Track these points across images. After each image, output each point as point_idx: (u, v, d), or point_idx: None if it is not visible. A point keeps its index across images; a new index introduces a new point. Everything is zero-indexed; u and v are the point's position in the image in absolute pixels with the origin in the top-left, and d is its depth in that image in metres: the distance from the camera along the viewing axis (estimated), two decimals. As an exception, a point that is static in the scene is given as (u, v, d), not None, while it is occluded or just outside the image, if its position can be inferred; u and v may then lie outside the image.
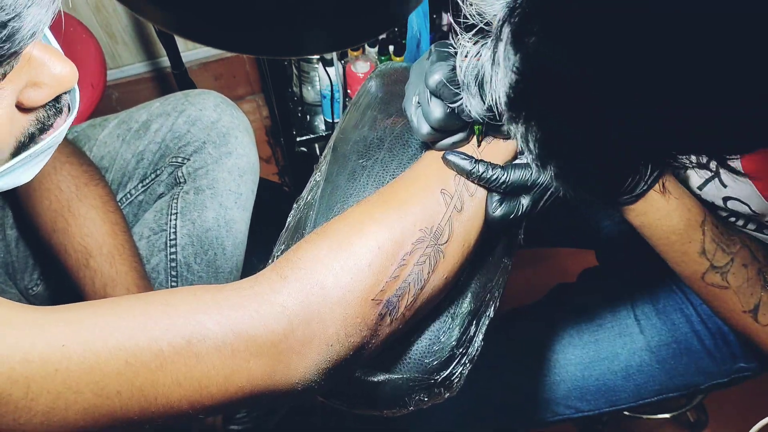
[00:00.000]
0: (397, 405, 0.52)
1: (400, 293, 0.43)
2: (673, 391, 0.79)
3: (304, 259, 0.42)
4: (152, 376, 0.36)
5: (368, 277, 0.42)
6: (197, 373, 0.37)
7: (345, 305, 0.41)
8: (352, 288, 0.41)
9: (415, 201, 0.45)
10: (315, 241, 0.43)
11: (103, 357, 0.35)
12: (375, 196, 0.47)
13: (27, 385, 0.33)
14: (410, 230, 0.43)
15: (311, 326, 0.40)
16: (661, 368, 0.77)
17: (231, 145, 0.84)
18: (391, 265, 0.42)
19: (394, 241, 0.43)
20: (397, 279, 0.42)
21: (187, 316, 0.38)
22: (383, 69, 0.62)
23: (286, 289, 0.41)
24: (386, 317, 0.43)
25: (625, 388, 0.78)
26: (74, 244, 0.71)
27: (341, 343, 0.41)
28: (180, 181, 0.83)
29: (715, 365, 0.77)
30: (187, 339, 0.37)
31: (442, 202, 0.45)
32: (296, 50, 0.85)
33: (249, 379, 0.39)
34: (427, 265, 0.44)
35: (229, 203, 0.82)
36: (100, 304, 0.38)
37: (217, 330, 0.38)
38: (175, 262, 0.79)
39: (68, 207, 0.71)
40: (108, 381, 0.35)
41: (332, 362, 0.41)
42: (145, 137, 0.85)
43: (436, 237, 0.44)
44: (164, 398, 0.37)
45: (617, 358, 0.79)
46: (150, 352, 0.36)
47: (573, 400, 0.80)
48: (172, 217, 0.80)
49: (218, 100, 0.87)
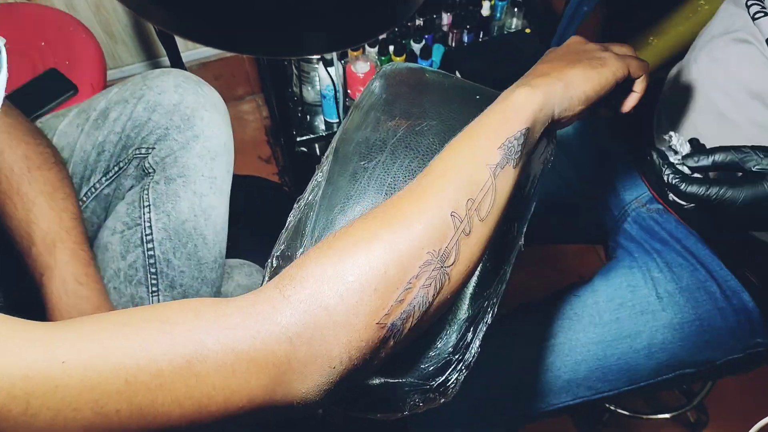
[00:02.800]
0: (392, 409, 0.51)
1: (405, 316, 0.42)
2: (691, 367, 0.78)
3: (308, 278, 0.41)
4: (152, 395, 0.36)
5: (374, 300, 0.41)
6: (197, 393, 0.37)
7: (349, 328, 0.40)
8: (357, 311, 0.40)
9: (424, 221, 0.44)
10: (319, 259, 0.42)
11: (103, 376, 0.35)
12: (381, 212, 0.45)
13: (27, 401, 0.33)
14: (418, 253, 0.43)
15: (313, 348, 0.40)
16: (683, 345, 0.77)
17: (197, 127, 0.79)
18: (398, 288, 0.42)
19: (401, 265, 0.42)
20: (403, 303, 0.42)
21: (188, 335, 0.38)
22: (388, 69, 0.62)
23: (288, 310, 0.40)
24: (390, 340, 0.42)
25: (647, 366, 0.78)
26: (19, 230, 0.68)
27: (344, 365, 0.41)
28: (149, 171, 0.79)
29: (734, 341, 0.77)
30: (188, 359, 0.37)
31: (452, 224, 0.44)
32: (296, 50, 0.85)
33: (249, 399, 0.39)
34: (432, 288, 0.43)
35: (203, 190, 0.78)
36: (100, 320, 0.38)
37: (218, 350, 0.38)
38: (154, 258, 0.76)
39: (17, 190, 0.68)
40: (108, 400, 0.35)
41: (333, 383, 0.41)
42: (104, 127, 0.81)
43: (443, 260, 0.43)
44: (164, 417, 0.37)
45: (639, 336, 0.77)
46: (150, 372, 0.36)
47: (594, 380, 0.79)
48: (145, 210, 0.77)
49: (179, 79, 0.82)
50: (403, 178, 0.53)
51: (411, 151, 0.54)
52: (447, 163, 0.47)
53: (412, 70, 0.62)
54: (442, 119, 0.56)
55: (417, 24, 1.42)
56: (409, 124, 0.55)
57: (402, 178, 0.53)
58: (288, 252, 0.53)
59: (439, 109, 0.57)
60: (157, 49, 1.53)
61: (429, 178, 0.47)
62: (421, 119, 0.56)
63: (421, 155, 0.54)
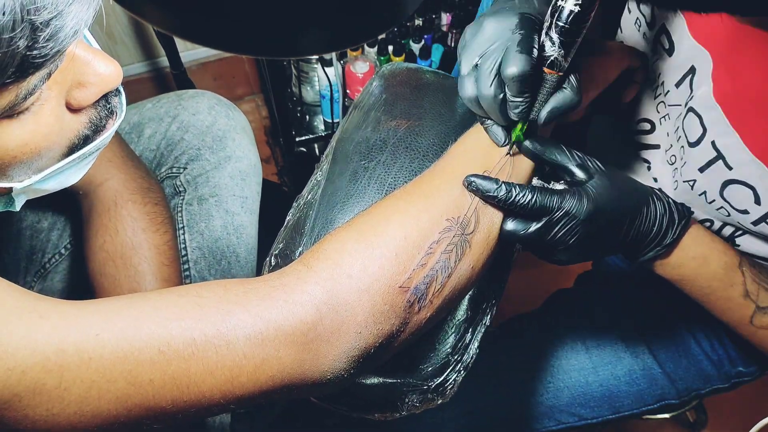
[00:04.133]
0: (390, 409, 0.52)
1: (428, 281, 0.43)
2: (675, 398, 0.78)
3: (330, 250, 0.43)
4: (185, 364, 0.37)
5: (395, 265, 0.42)
6: (228, 362, 0.38)
7: (373, 293, 0.42)
8: (379, 276, 0.42)
9: (442, 192, 0.46)
10: (341, 234, 0.44)
11: (136, 345, 0.36)
12: (399, 191, 0.48)
13: (60, 374, 0.34)
14: (437, 220, 0.44)
15: (339, 314, 0.41)
16: (662, 372, 0.77)
17: (229, 148, 0.81)
18: (418, 253, 0.43)
19: (421, 230, 0.44)
20: (424, 267, 0.43)
21: (218, 306, 0.39)
22: (388, 69, 0.62)
23: (313, 279, 0.41)
24: (414, 304, 0.43)
25: (628, 393, 0.78)
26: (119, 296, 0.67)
27: (370, 330, 0.42)
28: (179, 190, 0.80)
29: (714, 369, 0.77)
30: (218, 328, 0.38)
31: (468, 193, 0.46)
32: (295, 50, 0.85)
33: (279, 368, 0.40)
34: (453, 254, 0.44)
35: (235, 208, 0.80)
36: (132, 296, 0.39)
37: (247, 319, 0.39)
38: (189, 278, 0.76)
39: (121, 253, 0.67)
40: (141, 369, 0.36)
41: (361, 350, 0.42)
42: (139, 143, 0.82)
43: (463, 227, 0.45)
44: (196, 387, 0.38)
45: (620, 362, 0.78)
46: (182, 341, 0.37)
47: (577, 407, 0.79)
48: (180, 232, 0.77)
49: (213, 101, 0.84)
50: (404, 178, 0.53)
51: (411, 152, 0.54)
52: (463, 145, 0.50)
53: (411, 70, 0.62)
54: (442, 120, 0.56)
55: (416, 24, 1.42)
56: (409, 125, 0.55)
57: (402, 178, 0.53)
58: (287, 250, 0.53)
59: (439, 109, 0.57)
60: (156, 49, 1.53)
61: (446, 158, 0.49)
62: (421, 120, 0.56)
63: (422, 155, 0.54)
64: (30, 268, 0.79)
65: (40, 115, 0.38)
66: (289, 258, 0.52)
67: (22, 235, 0.79)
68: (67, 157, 0.43)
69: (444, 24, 1.46)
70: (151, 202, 0.71)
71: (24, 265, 0.79)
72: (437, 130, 0.55)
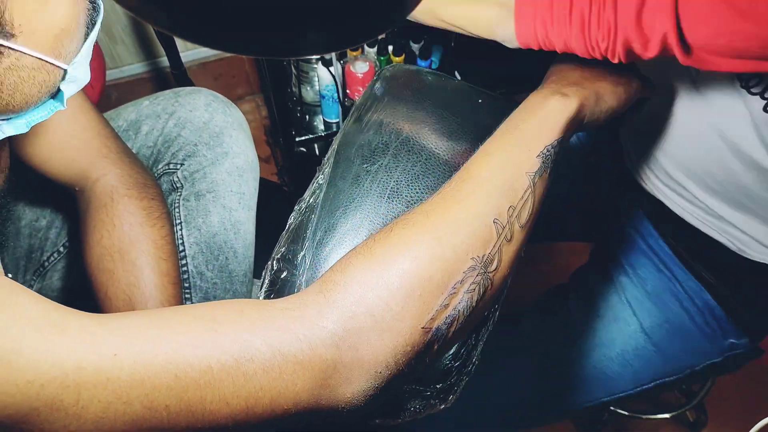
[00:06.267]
0: (392, 415, 0.51)
1: (450, 321, 0.43)
2: (670, 375, 0.78)
3: (352, 283, 0.42)
4: (200, 392, 0.36)
5: (419, 306, 0.41)
6: (245, 393, 0.38)
7: (395, 333, 0.41)
8: (402, 317, 0.41)
9: (469, 227, 0.44)
10: (363, 264, 0.43)
11: (153, 370, 0.35)
12: (422, 217, 0.45)
13: (78, 392, 0.34)
14: (463, 258, 0.43)
15: (359, 353, 0.40)
16: (656, 350, 0.77)
17: (226, 144, 0.81)
18: (442, 293, 0.42)
19: (446, 270, 0.43)
20: (448, 307, 0.42)
21: (234, 335, 0.38)
22: (389, 71, 0.62)
23: (335, 315, 0.40)
24: (434, 344, 0.43)
25: (623, 374, 0.78)
26: (117, 291, 0.66)
27: (390, 369, 0.41)
28: (176, 186, 0.80)
29: (707, 342, 0.77)
30: (236, 358, 0.37)
31: (494, 231, 0.45)
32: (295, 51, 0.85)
33: (295, 402, 0.39)
34: (476, 293, 0.44)
35: (233, 204, 0.80)
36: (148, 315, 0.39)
37: (266, 351, 0.38)
38: (187, 273, 0.76)
39: (118, 248, 0.67)
40: (157, 394, 0.35)
41: (379, 387, 0.41)
42: (136, 140, 0.82)
43: (486, 265, 0.44)
44: (211, 416, 0.37)
45: (613, 344, 0.78)
46: (199, 369, 0.36)
47: (572, 392, 0.79)
48: (177, 228, 0.77)
49: (209, 98, 0.84)
50: (406, 181, 0.53)
51: (414, 155, 0.54)
52: (488, 170, 0.48)
53: (412, 72, 0.62)
54: (445, 123, 0.56)
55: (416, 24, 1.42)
56: (411, 128, 0.55)
57: (405, 181, 0.53)
58: (288, 255, 0.53)
59: (441, 112, 0.57)
60: (156, 49, 1.53)
61: (471, 184, 0.47)
62: (423, 122, 0.56)
63: (424, 159, 0.54)
64: (29, 266, 0.79)
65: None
66: (291, 263, 0.52)
67: (21, 233, 0.79)
68: (87, 38, 0.44)
69: (444, 24, 1.45)
70: (148, 197, 0.71)
71: (23, 263, 0.79)
72: (440, 134, 0.55)
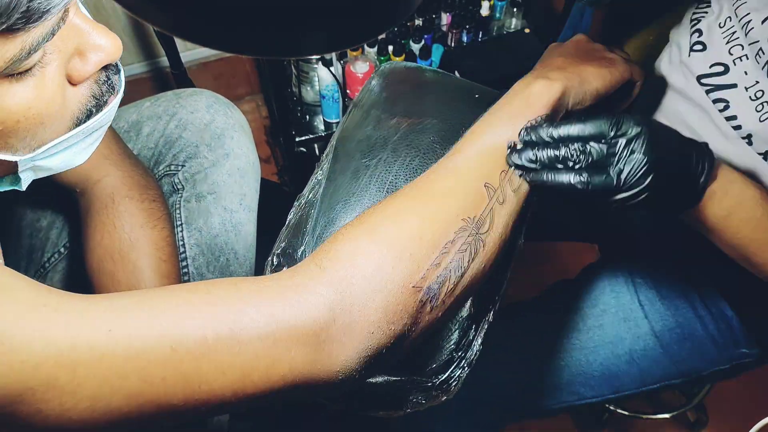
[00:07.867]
0: (394, 406, 0.52)
1: (441, 280, 0.43)
2: (676, 378, 0.78)
3: (344, 250, 0.43)
4: (196, 363, 0.37)
5: (409, 265, 0.42)
6: (240, 361, 0.38)
7: (386, 293, 0.41)
8: (393, 276, 0.42)
9: (459, 192, 0.46)
10: (353, 233, 0.44)
11: (148, 343, 0.36)
12: (411, 189, 0.47)
13: (73, 369, 0.34)
14: (453, 220, 0.44)
15: (352, 315, 0.41)
16: (665, 353, 0.77)
17: (227, 146, 0.81)
18: (433, 253, 0.43)
19: (436, 230, 0.44)
20: (438, 266, 0.43)
21: (230, 305, 0.39)
22: (386, 68, 0.62)
23: (326, 280, 0.41)
24: (427, 304, 0.43)
25: (629, 373, 0.78)
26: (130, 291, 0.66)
27: (382, 330, 0.42)
28: (177, 188, 0.80)
29: (717, 351, 0.76)
30: (231, 327, 0.38)
31: (485, 194, 0.46)
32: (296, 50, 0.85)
33: (291, 368, 0.40)
34: (467, 254, 0.44)
35: (233, 206, 0.80)
36: (142, 292, 0.39)
37: (260, 319, 0.39)
38: (188, 275, 0.76)
39: (119, 249, 0.66)
40: (153, 367, 0.36)
41: (373, 351, 0.42)
42: (137, 141, 0.81)
43: (478, 226, 0.45)
44: (208, 386, 0.37)
45: (622, 343, 0.78)
46: (195, 340, 0.37)
47: (577, 385, 0.79)
48: (178, 229, 0.77)
49: (211, 100, 0.84)
50: (405, 176, 0.53)
51: (413, 149, 0.54)
52: (475, 146, 0.49)
53: (410, 69, 0.62)
54: (443, 118, 0.56)
55: (416, 24, 1.42)
56: (410, 123, 0.55)
57: (403, 176, 0.53)
58: (289, 250, 0.53)
59: (439, 107, 0.57)
60: (156, 49, 1.53)
61: (459, 158, 0.48)
62: (422, 117, 0.56)
63: (423, 153, 0.54)
64: (30, 267, 0.79)
65: (42, 79, 0.38)
66: (291, 257, 0.52)
67: (22, 233, 0.79)
68: (82, 125, 0.43)
69: (444, 24, 1.46)
70: (149, 198, 0.71)
71: (24, 264, 0.79)
72: (438, 128, 0.55)
